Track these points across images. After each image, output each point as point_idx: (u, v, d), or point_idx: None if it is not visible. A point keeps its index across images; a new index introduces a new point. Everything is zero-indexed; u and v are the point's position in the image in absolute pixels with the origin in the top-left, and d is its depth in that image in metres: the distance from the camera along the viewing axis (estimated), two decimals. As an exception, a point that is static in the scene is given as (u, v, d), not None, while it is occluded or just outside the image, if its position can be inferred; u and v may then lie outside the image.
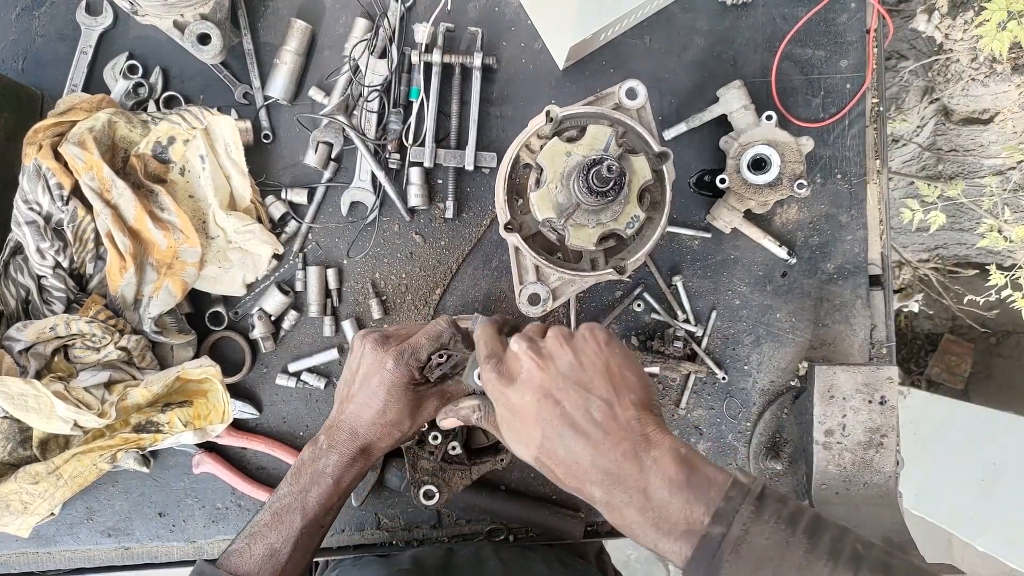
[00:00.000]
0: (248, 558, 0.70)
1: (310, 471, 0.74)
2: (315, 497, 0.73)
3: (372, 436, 0.76)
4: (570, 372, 0.63)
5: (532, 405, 0.62)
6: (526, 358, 0.64)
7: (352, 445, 0.75)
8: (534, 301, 0.85)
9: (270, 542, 0.71)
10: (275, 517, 0.72)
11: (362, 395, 0.76)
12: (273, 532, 0.71)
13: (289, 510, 0.72)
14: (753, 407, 1.03)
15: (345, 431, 0.76)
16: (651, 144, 0.81)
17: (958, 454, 1.82)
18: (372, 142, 0.99)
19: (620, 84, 0.83)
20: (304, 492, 0.73)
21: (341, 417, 0.77)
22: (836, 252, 1.02)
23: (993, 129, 1.48)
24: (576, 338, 0.66)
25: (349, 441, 0.75)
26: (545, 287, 0.85)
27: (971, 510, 1.75)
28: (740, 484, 0.55)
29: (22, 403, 0.84)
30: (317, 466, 0.74)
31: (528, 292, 0.85)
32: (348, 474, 0.75)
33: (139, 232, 0.92)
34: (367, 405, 0.76)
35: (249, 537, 0.71)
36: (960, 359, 2.30)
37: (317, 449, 0.76)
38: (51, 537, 1.02)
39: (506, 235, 0.82)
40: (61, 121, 0.91)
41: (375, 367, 0.76)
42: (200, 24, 0.91)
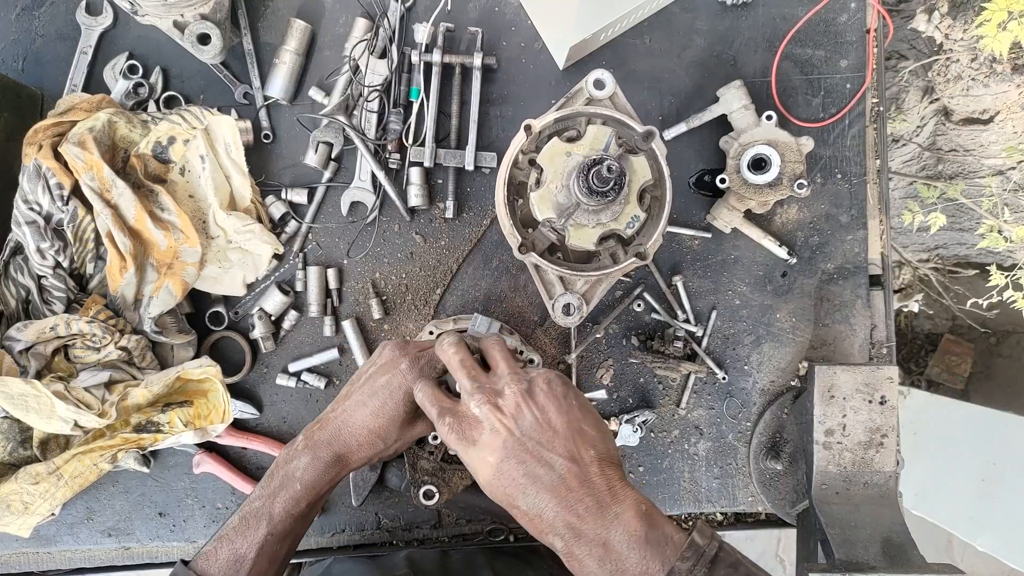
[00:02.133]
0: (214, 562, 0.69)
1: (282, 473, 0.73)
2: (282, 503, 0.71)
3: (353, 442, 0.74)
4: (532, 432, 0.62)
5: (494, 466, 0.62)
6: (488, 420, 0.63)
7: (328, 450, 0.73)
8: (568, 311, 0.85)
9: (236, 547, 0.69)
10: (243, 521, 0.71)
11: (362, 392, 0.75)
12: (240, 537, 0.70)
13: (256, 515, 0.71)
14: (753, 407, 1.03)
15: (327, 431, 0.74)
16: (634, 127, 0.81)
17: (958, 454, 1.82)
18: (372, 142, 0.99)
19: (586, 77, 0.83)
20: (272, 497, 0.71)
21: (330, 415, 0.75)
22: (836, 252, 1.02)
23: (993, 129, 1.48)
24: (536, 392, 0.65)
25: (327, 444, 0.73)
26: (575, 295, 0.85)
27: (971, 510, 1.75)
28: (696, 545, 0.56)
29: (22, 403, 0.84)
30: (289, 468, 0.72)
31: (561, 304, 0.85)
32: (320, 480, 0.73)
33: (139, 232, 0.92)
34: (363, 403, 0.74)
35: (217, 540, 0.70)
36: (960, 359, 2.30)
37: (293, 450, 0.74)
38: (51, 537, 1.02)
39: (523, 257, 0.81)
40: (61, 121, 0.91)
41: (387, 366, 0.75)
42: (200, 24, 0.91)
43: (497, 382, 0.67)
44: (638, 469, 1.03)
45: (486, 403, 0.65)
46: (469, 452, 0.64)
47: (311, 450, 0.73)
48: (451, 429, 0.65)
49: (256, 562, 0.69)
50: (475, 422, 0.65)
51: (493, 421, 0.63)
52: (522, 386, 0.65)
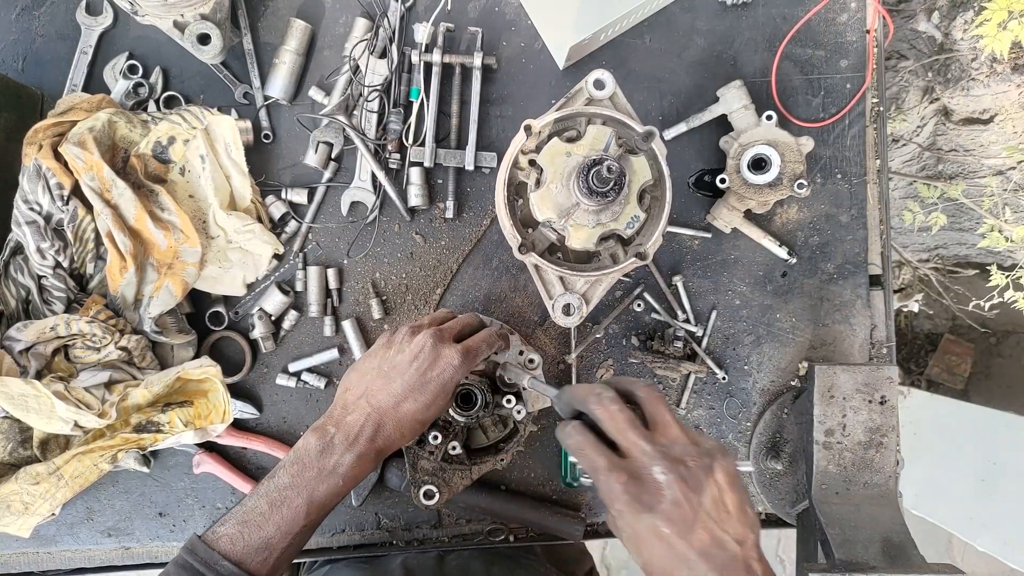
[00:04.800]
0: (241, 547, 0.66)
1: (317, 466, 0.70)
2: (321, 496, 0.69)
3: (396, 435, 0.73)
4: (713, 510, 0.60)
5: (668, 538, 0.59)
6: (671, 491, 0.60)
7: (372, 446, 0.71)
8: (568, 311, 0.85)
9: (266, 535, 0.67)
10: (273, 509, 0.68)
11: (408, 384, 0.73)
12: (270, 524, 0.68)
13: (290, 505, 0.68)
14: (753, 407, 1.03)
15: (370, 426, 0.72)
16: (634, 127, 0.81)
17: (958, 454, 1.82)
18: (372, 142, 0.99)
19: (586, 77, 0.83)
20: (309, 489, 0.69)
21: (367, 409, 0.73)
22: (836, 252, 1.02)
23: (993, 129, 1.48)
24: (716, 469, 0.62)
25: (370, 440, 0.71)
26: (575, 295, 0.85)
27: (971, 510, 1.75)
28: None
29: (22, 403, 0.84)
30: (327, 462, 0.70)
31: (561, 304, 0.85)
32: (361, 476, 0.72)
33: (139, 232, 0.92)
34: (412, 397, 0.73)
35: (243, 524, 0.67)
36: (960, 359, 2.30)
37: (327, 443, 0.71)
38: (51, 537, 1.02)
39: (522, 257, 0.81)
40: (61, 121, 0.91)
41: (438, 361, 0.74)
42: (200, 24, 0.91)
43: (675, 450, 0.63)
44: (638, 469, 1.03)
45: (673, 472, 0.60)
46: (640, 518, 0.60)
47: (354, 446, 0.71)
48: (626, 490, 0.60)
49: (284, 552, 0.68)
50: (656, 489, 0.60)
51: (677, 493, 0.59)
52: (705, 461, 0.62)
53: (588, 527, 1.03)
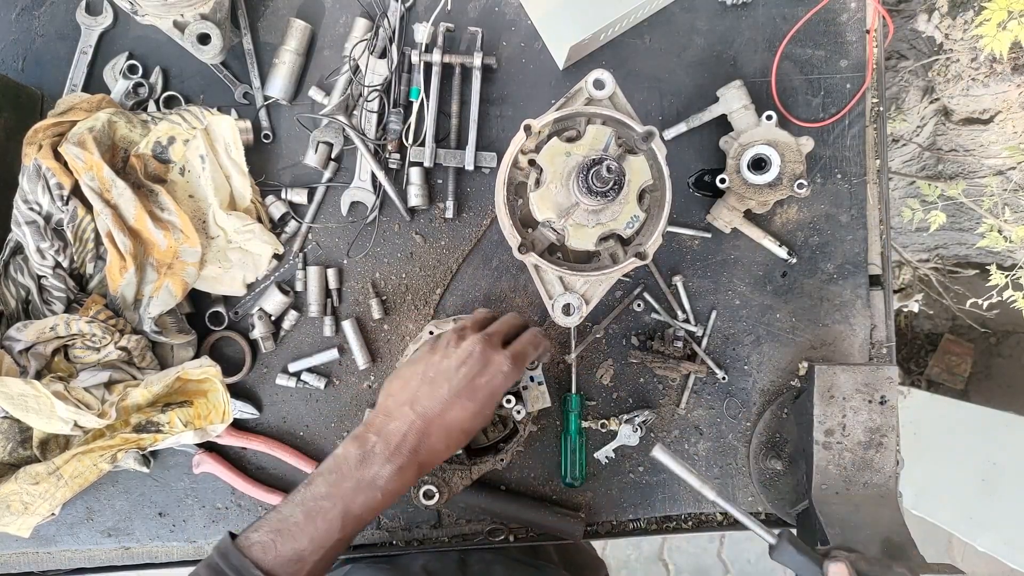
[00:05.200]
0: (272, 556, 0.63)
1: (356, 477, 0.67)
2: (358, 509, 0.66)
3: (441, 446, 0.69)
4: None
5: None
6: None
7: (414, 459, 0.68)
8: (568, 311, 0.85)
9: (299, 547, 0.64)
10: (308, 519, 0.65)
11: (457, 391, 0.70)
12: (304, 536, 0.64)
13: (325, 517, 0.65)
14: (753, 407, 1.03)
15: (413, 435, 0.68)
16: (634, 127, 0.81)
17: (958, 454, 1.82)
18: (372, 142, 0.99)
19: (586, 77, 0.83)
20: (346, 501, 0.66)
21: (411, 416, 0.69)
22: (836, 252, 1.02)
23: (993, 129, 1.48)
24: None
25: (412, 453, 0.68)
26: (575, 295, 0.85)
27: (971, 510, 1.75)
28: None
29: (22, 403, 0.84)
30: (366, 474, 0.67)
31: (561, 304, 0.85)
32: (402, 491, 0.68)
33: (139, 232, 0.92)
34: (460, 404, 0.69)
35: (276, 533, 0.64)
36: (960, 359, 2.30)
37: (367, 452, 0.68)
38: (51, 537, 1.02)
39: (522, 257, 0.81)
40: (61, 121, 0.91)
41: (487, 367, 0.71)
42: (200, 24, 0.91)
43: None
44: (638, 469, 1.03)
45: None
46: None
47: (395, 457, 0.67)
48: None
49: (315, 566, 0.65)
50: None
51: None
52: None
53: (588, 527, 1.03)
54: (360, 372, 1.02)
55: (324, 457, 1.00)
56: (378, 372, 1.02)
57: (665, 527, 1.05)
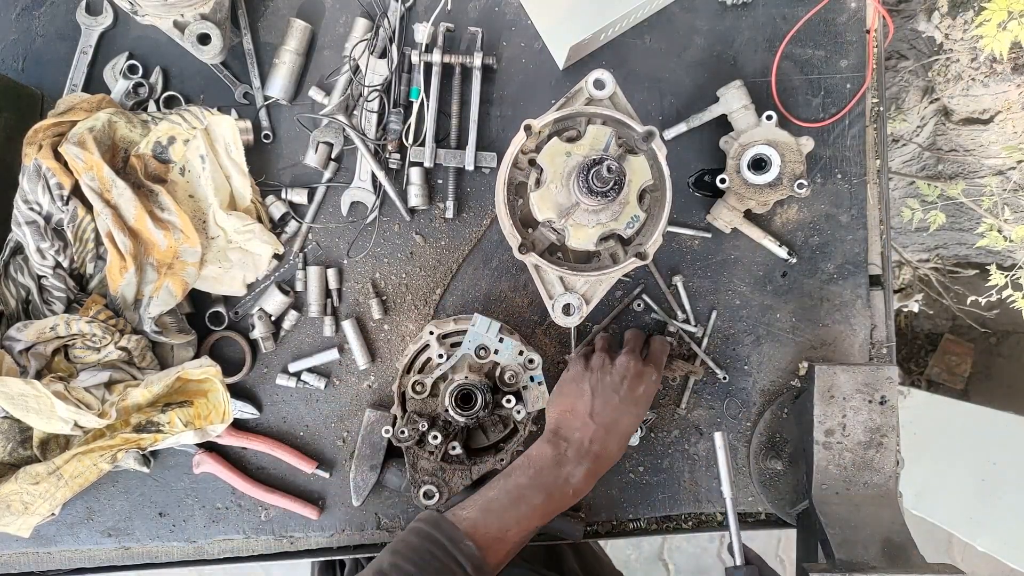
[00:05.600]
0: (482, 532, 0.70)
1: (552, 475, 0.75)
2: (555, 503, 0.74)
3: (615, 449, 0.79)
4: None
5: None
6: None
7: (597, 463, 0.78)
8: (568, 311, 0.85)
9: (504, 526, 0.71)
10: (513, 504, 0.73)
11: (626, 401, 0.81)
12: (509, 517, 0.72)
13: (529, 503, 0.73)
14: (753, 407, 1.03)
15: (597, 443, 0.78)
16: (634, 127, 0.81)
17: (958, 454, 1.82)
18: (372, 142, 0.99)
19: (586, 77, 0.83)
20: (547, 492, 0.74)
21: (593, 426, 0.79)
22: (836, 252, 1.02)
23: (993, 129, 1.48)
24: None
25: (596, 457, 0.78)
26: (576, 295, 0.85)
27: (971, 510, 1.75)
28: None
29: (22, 403, 0.84)
30: (561, 472, 0.76)
31: (561, 304, 0.85)
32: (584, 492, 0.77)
33: (139, 232, 0.91)
34: (630, 412, 0.80)
35: (484, 512, 0.72)
36: (960, 359, 2.29)
37: (561, 454, 0.77)
38: (51, 537, 1.02)
39: (523, 257, 0.81)
40: (61, 121, 0.91)
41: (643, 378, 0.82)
42: (200, 24, 0.91)
43: None
44: (638, 469, 1.03)
45: None
46: None
47: (584, 460, 0.77)
48: None
49: (514, 547, 0.72)
50: None
51: None
52: None
53: (588, 527, 1.03)
54: (360, 372, 1.02)
55: (324, 457, 1.01)
56: (378, 372, 1.02)
57: (665, 527, 1.05)
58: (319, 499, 1.02)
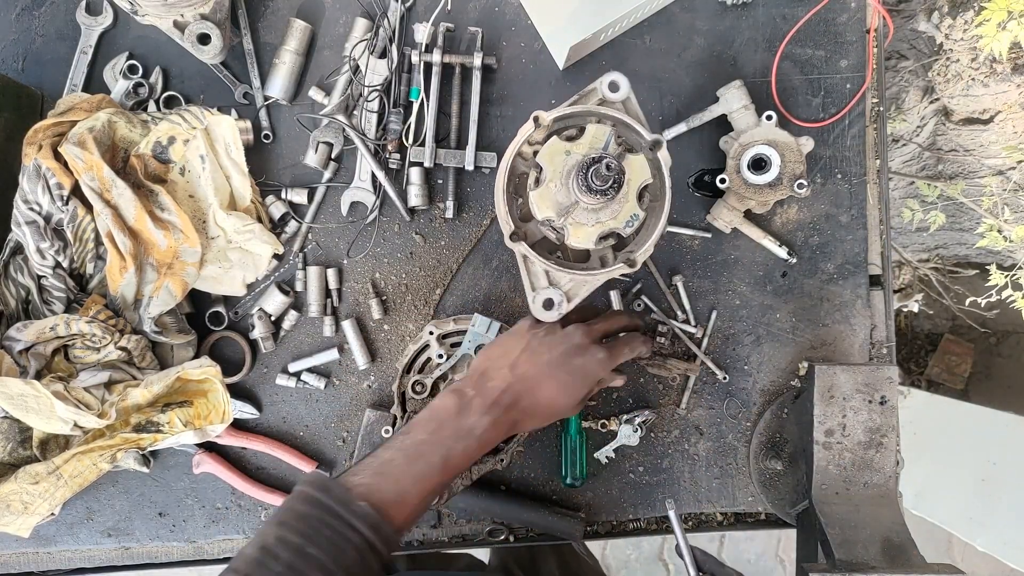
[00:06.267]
0: (377, 497, 0.65)
1: (455, 426, 0.71)
2: (458, 455, 0.70)
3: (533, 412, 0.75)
4: None
5: None
6: None
7: (509, 415, 0.73)
8: (548, 306, 0.84)
9: (401, 488, 0.67)
10: (409, 462, 0.68)
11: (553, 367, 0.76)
12: (407, 477, 0.67)
13: (427, 460, 0.69)
14: (753, 407, 1.03)
15: (508, 396, 0.74)
16: (643, 133, 0.81)
17: (958, 454, 1.82)
18: (372, 142, 0.99)
19: (601, 78, 0.82)
20: (447, 446, 0.69)
21: (507, 377, 0.75)
22: (836, 252, 1.02)
23: (993, 129, 1.48)
24: None
25: (508, 408, 0.73)
26: (558, 291, 0.84)
27: (971, 510, 1.75)
28: None
29: (22, 403, 0.84)
30: (464, 423, 0.71)
31: (542, 298, 0.84)
32: (495, 441, 0.73)
33: (139, 232, 0.92)
34: (554, 379, 0.75)
35: (378, 475, 0.66)
36: (960, 359, 2.29)
37: (465, 404, 0.72)
38: (51, 537, 1.02)
39: (513, 245, 0.81)
40: (61, 121, 0.91)
41: (585, 352, 0.77)
42: (200, 24, 0.91)
43: None
44: (638, 469, 1.03)
45: None
46: None
47: (492, 410, 0.72)
48: None
49: (415, 508, 0.68)
50: None
51: None
52: None
53: (588, 527, 1.03)
54: (360, 372, 1.02)
55: (324, 457, 1.01)
56: (378, 372, 1.02)
57: (665, 527, 1.05)
58: (319, 499, 1.02)
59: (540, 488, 1.03)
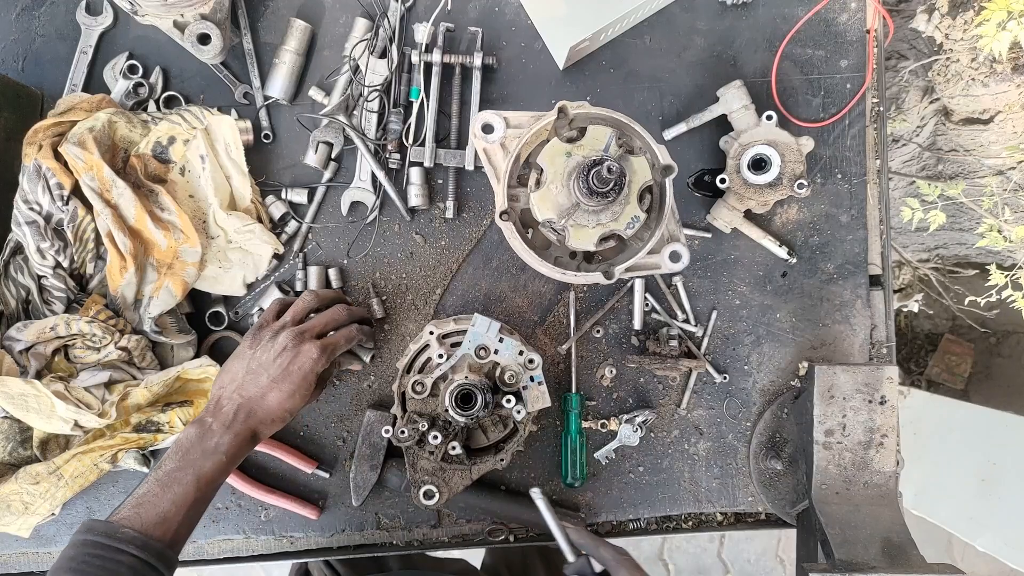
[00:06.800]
0: (139, 524, 0.72)
1: (200, 449, 0.78)
2: (208, 472, 0.78)
3: (267, 419, 0.83)
4: None
5: None
6: None
7: (246, 426, 0.81)
8: None
9: (161, 511, 0.74)
10: (164, 489, 0.75)
11: (272, 376, 0.83)
12: (164, 501, 0.75)
13: (180, 483, 0.76)
14: (753, 407, 1.03)
15: (242, 413, 0.81)
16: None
17: (958, 454, 1.82)
18: (372, 142, 0.99)
19: None
20: (196, 467, 0.77)
21: (235, 398, 0.82)
22: (836, 252, 1.02)
23: (993, 129, 1.48)
24: None
25: (243, 423, 0.81)
26: None
27: (971, 510, 1.75)
28: None
29: (22, 403, 0.84)
30: (208, 444, 0.79)
31: None
32: (240, 454, 0.81)
33: (139, 232, 0.92)
34: (277, 387, 0.83)
35: (137, 507, 0.74)
36: (960, 359, 2.29)
37: (206, 429, 0.80)
38: (52, 537, 1.02)
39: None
40: (61, 121, 0.91)
41: (298, 356, 0.84)
42: (200, 24, 0.91)
43: None
44: (638, 469, 1.03)
45: None
46: None
47: (231, 428, 0.80)
48: None
49: (181, 525, 0.75)
50: None
51: None
52: None
53: (588, 527, 1.03)
54: (360, 372, 1.02)
55: (324, 457, 1.01)
56: (378, 372, 1.02)
57: (665, 527, 1.05)
58: (319, 499, 1.02)
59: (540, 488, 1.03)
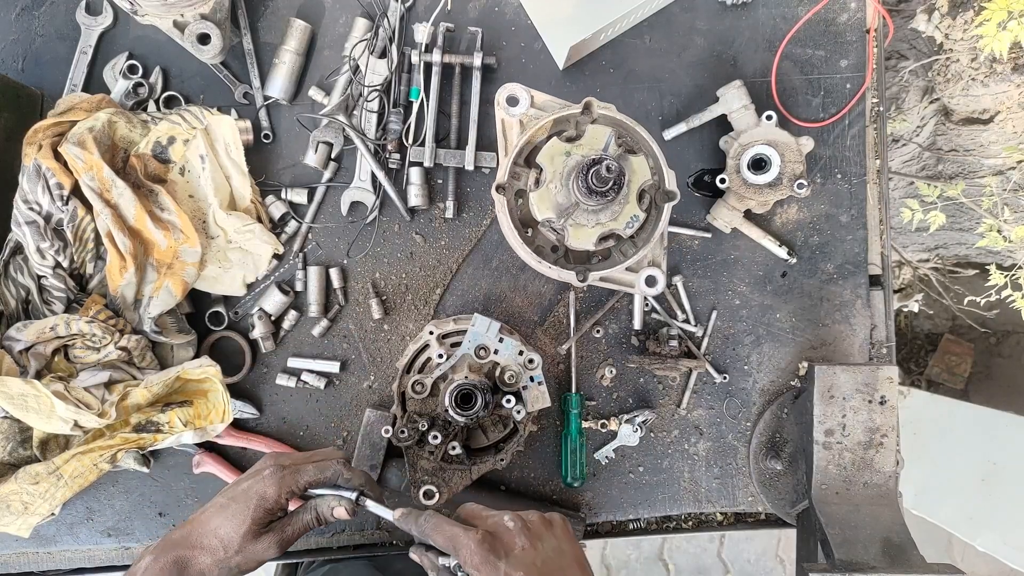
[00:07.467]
0: None
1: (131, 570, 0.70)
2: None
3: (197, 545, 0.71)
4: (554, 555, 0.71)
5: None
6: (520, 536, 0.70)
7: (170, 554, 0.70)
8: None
9: None
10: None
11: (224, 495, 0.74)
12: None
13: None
14: (753, 407, 1.03)
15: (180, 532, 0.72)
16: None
17: (958, 454, 1.82)
18: (372, 142, 0.99)
19: None
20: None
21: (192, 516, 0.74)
22: (836, 252, 1.02)
23: (993, 129, 1.48)
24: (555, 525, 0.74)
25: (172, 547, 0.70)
26: None
27: (971, 510, 1.75)
28: None
29: (22, 403, 0.84)
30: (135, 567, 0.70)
31: None
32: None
33: (139, 232, 0.92)
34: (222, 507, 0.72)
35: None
36: (960, 359, 2.29)
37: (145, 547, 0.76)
38: (51, 537, 1.02)
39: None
40: (61, 121, 0.91)
41: (254, 473, 0.75)
42: (200, 24, 0.91)
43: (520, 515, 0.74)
44: (638, 469, 1.03)
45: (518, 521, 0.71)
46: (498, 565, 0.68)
47: (156, 551, 0.70)
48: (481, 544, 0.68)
49: None
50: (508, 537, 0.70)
51: (525, 540, 0.70)
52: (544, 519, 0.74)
53: (588, 527, 1.03)
54: (360, 372, 1.02)
55: (324, 457, 1.01)
56: (378, 372, 1.02)
57: (665, 527, 1.05)
58: (319, 499, 1.02)
59: (540, 488, 1.03)
